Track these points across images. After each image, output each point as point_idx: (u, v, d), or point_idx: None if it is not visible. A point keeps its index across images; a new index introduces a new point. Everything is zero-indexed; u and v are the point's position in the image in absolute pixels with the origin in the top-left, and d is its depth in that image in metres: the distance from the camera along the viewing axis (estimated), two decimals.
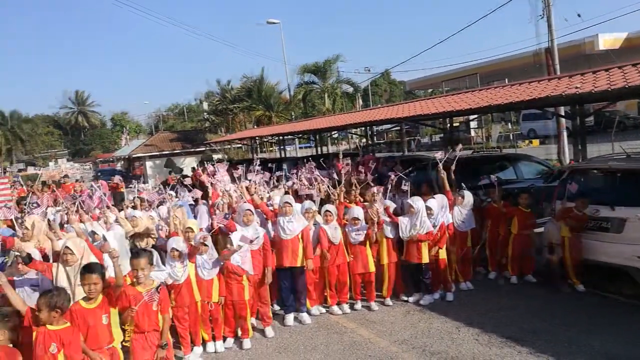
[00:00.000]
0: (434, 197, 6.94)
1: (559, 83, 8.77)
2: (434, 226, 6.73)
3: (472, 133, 30.59)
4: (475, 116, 19.58)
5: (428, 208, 6.75)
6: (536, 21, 16.91)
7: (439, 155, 7.35)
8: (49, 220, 6.39)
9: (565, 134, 17.52)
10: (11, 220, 6.00)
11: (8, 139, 63.52)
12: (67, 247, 4.66)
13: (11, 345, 3.92)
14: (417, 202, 6.69)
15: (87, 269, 4.23)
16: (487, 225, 7.70)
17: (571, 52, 22.78)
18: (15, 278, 4.81)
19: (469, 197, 7.25)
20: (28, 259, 4.73)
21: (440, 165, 7.18)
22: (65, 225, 6.64)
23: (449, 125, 13.94)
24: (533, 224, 7.49)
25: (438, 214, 6.80)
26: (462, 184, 7.45)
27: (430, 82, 34.31)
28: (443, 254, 6.85)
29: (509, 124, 31.30)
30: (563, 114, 14.54)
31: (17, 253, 4.95)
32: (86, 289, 4.19)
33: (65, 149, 77.65)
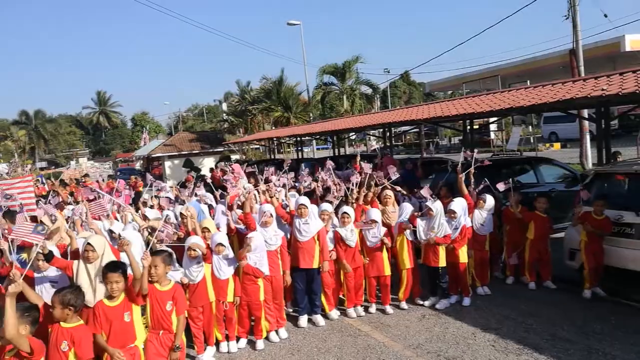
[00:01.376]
0: (453, 200, 6.84)
1: (585, 85, 8.58)
2: (456, 229, 6.63)
3: (492, 135, 30.19)
4: (495, 118, 19.31)
5: (452, 211, 6.66)
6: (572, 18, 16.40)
7: (467, 155, 7.22)
8: (68, 218, 6.48)
9: (588, 137, 17.16)
10: (31, 217, 6.07)
11: (32, 138, 64.93)
12: (88, 244, 4.69)
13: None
14: (435, 204, 6.60)
15: (109, 268, 4.26)
16: (506, 229, 7.57)
17: (597, 53, 22.30)
18: (35, 275, 4.87)
19: (490, 200, 7.14)
20: (50, 256, 4.77)
21: (460, 168, 7.09)
22: (84, 223, 6.70)
23: (468, 127, 13.76)
24: (550, 230, 7.33)
25: (461, 216, 6.71)
26: (489, 186, 7.29)
27: (450, 83, 33.95)
28: (463, 258, 6.75)
29: (530, 126, 30.81)
30: (586, 116, 14.24)
31: (39, 250, 5.01)
32: (108, 288, 4.23)
33: (87, 149, 78.96)
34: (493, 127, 28.09)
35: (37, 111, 70.49)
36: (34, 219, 5.76)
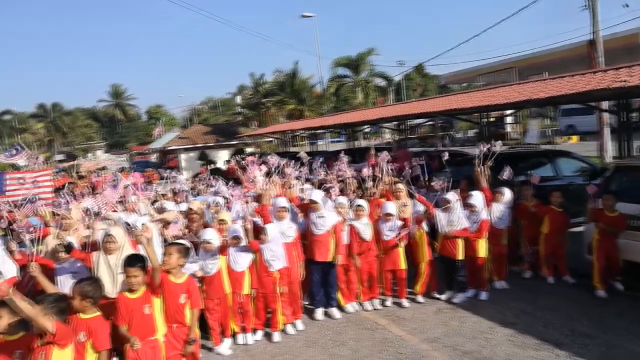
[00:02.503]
0: (471, 194, 6.77)
1: (604, 76, 8.42)
2: (475, 223, 6.57)
3: (508, 128, 29.85)
4: (512, 111, 19.11)
5: (471, 205, 6.60)
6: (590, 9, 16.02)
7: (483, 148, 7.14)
8: (86, 209, 6.55)
9: (607, 130, 16.86)
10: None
11: (50, 131, 65.77)
12: (109, 235, 4.73)
13: None
14: (452, 197, 6.55)
15: (128, 262, 4.29)
16: (522, 224, 7.49)
17: (614, 45, 21.86)
18: (55, 266, 4.94)
19: (507, 194, 7.06)
20: (69, 248, 4.84)
21: (478, 161, 7.00)
22: (102, 214, 6.76)
23: (484, 120, 13.63)
24: (566, 224, 7.23)
25: (481, 211, 6.65)
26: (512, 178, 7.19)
27: (465, 76, 33.54)
28: (481, 252, 6.69)
29: (547, 119, 30.40)
30: (606, 108, 13.99)
31: (58, 242, 5.08)
32: (127, 282, 4.26)
33: (103, 141, 79.75)
34: (509, 119, 27.77)
35: (54, 104, 71.27)
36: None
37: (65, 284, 4.74)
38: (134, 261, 4.29)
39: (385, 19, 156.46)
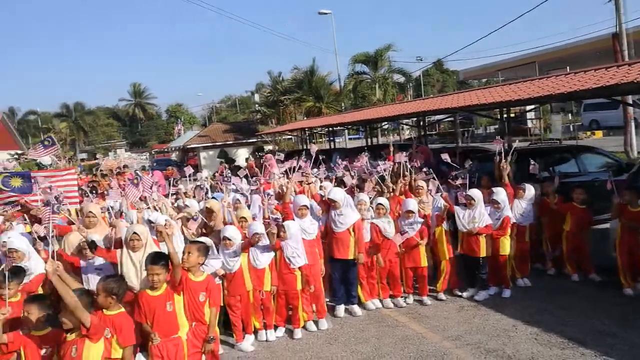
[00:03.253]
0: (494, 190, 6.69)
1: (630, 70, 8.21)
2: (498, 220, 6.51)
3: (530, 124, 29.40)
4: (533, 106, 18.76)
5: (495, 201, 6.54)
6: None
7: (498, 142, 7.06)
8: (109, 207, 6.65)
9: (633, 124, 16.50)
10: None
11: (72, 130, 66.99)
12: (135, 233, 4.79)
13: None
14: (476, 194, 6.49)
15: (150, 260, 4.32)
16: (545, 220, 7.38)
17: (637, 38, 21.35)
18: (82, 263, 5.04)
19: (530, 190, 6.97)
20: (93, 246, 4.92)
21: (499, 157, 6.92)
22: (124, 213, 6.86)
23: (505, 115, 13.42)
24: (589, 221, 7.10)
25: (505, 207, 6.58)
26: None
27: (484, 71, 33.14)
28: (504, 249, 6.62)
29: (569, 114, 29.84)
30: (631, 102, 13.67)
31: (82, 239, 5.18)
32: (150, 279, 4.30)
33: (124, 140, 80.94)
34: (530, 115, 27.35)
35: (76, 104, 72.61)
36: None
37: (92, 281, 4.83)
38: (157, 259, 4.32)
39: (404, 14, 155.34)
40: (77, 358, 3.67)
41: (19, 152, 32.73)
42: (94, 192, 8.84)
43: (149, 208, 6.48)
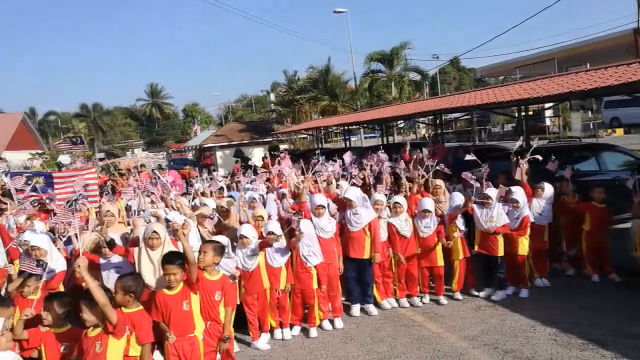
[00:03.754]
0: (513, 189, 6.61)
1: None
2: (517, 219, 6.42)
3: (548, 122, 28.98)
4: (552, 104, 18.48)
5: (514, 201, 6.46)
6: None
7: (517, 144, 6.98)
8: (126, 207, 6.73)
9: None
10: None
11: (91, 130, 67.98)
12: (154, 232, 4.84)
13: None
14: (492, 193, 6.42)
15: (166, 260, 4.34)
16: (564, 220, 7.27)
17: None
18: (101, 261, 5.10)
19: (549, 189, 6.87)
20: (111, 244, 4.98)
21: (515, 156, 6.84)
22: (142, 212, 6.93)
23: (523, 113, 13.24)
24: (608, 221, 6.97)
25: (524, 206, 6.49)
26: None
27: (502, 68, 32.72)
28: (522, 249, 6.54)
29: (589, 112, 29.34)
30: None
31: (95, 237, 5.24)
32: (166, 279, 4.32)
33: (141, 139, 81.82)
34: (548, 113, 26.96)
35: (95, 104, 73.66)
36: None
37: (110, 279, 4.88)
38: (173, 259, 4.34)
39: (420, 12, 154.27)
40: (101, 354, 3.72)
41: (39, 151, 33.31)
42: (111, 191, 8.95)
43: (168, 207, 6.53)
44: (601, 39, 24.08)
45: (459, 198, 6.72)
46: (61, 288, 4.95)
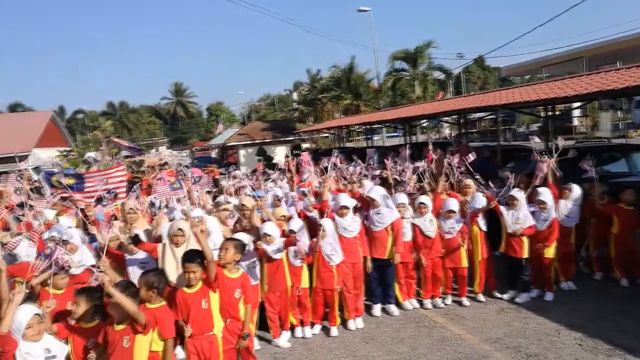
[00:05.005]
0: (540, 191, 6.47)
1: None
2: (545, 221, 6.32)
3: (575, 122, 28.35)
4: (580, 104, 18.10)
5: (542, 202, 6.35)
6: None
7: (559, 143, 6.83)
8: (150, 203, 6.83)
9: None
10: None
11: (117, 128, 69.25)
12: (179, 229, 4.91)
13: None
14: (518, 194, 6.31)
15: (187, 258, 4.37)
16: (592, 222, 7.10)
17: None
18: (126, 257, 5.19)
19: (576, 190, 6.71)
20: (136, 240, 5.06)
21: (540, 156, 6.70)
22: (167, 209, 7.02)
23: (550, 113, 13.00)
24: (638, 224, 6.78)
25: (551, 208, 6.37)
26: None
27: (528, 67, 32.08)
28: (549, 252, 6.41)
29: (619, 111, 28.56)
30: None
31: (127, 235, 5.33)
32: (186, 277, 4.36)
33: (165, 137, 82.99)
34: (576, 112, 26.38)
35: (121, 102, 75.11)
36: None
37: (135, 275, 4.96)
38: (193, 257, 4.36)
39: (445, 11, 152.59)
40: (129, 349, 3.78)
41: (68, 149, 34.08)
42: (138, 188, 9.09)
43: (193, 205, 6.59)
44: (634, 37, 23.38)
45: (481, 198, 6.63)
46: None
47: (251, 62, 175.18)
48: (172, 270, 4.65)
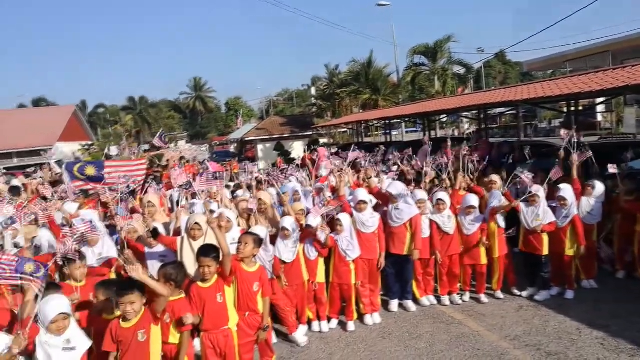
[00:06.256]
0: (561, 187, 6.37)
1: None
2: (566, 218, 6.21)
3: (599, 117, 27.75)
4: (604, 99, 17.66)
5: (562, 198, 6.24)
6: None
7: (563, 134, 6.72)
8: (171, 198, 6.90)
9: None
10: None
11: (137, 123, 70.09)
12: (196, 223, 4.95)
13: None
14: (538, 190, 6.21)
15: (202, 252, 4.37)
16: (616, 219, 6.96)
17: None
18: (146, 250, 5.27)
19: (599, 187, 6.58)
20: (155, 233, 5.12)
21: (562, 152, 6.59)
22: (185, 203, 7.08)
23: (572, 108, 12.74)
24: None
25: (572, 204, 6.26)
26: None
27: (550, 62, 31.43)
28: (570, 250, 6.31)
29: None
30: None
31: (146, 228, 5.41)
32: (200, 271, 4.36)
33: (185, 132, 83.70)
34: (600, 108, 25.81)
35: (141, 97, 75.88)
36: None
37: (154, 268, 5.03)
38: (208, 251, 4.36)
39: (466, 4, 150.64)
40: (145, 342, 3.76)
41: (89, 143, 34.60)
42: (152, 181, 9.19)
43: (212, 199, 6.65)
44: None
45: (498, 195, 6.54)
46: (112, 275, 5.11)
47: (270, 56, 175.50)
48: (190, 263, 4.69)
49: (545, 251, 6.25)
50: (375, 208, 6.35)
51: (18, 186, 8.81)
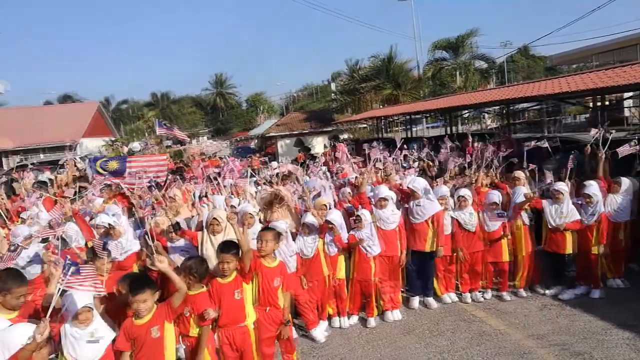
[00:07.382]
0: (587, 184, 6.24)
1: None
2: (592, 215, 6.08)
3: (627, 112, 27.02)
4: (632, 93, 17.20)
5: (588, 195, 6.11)
6: None
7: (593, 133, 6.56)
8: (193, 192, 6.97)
9: None
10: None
11: (160, 118, 71.09)
12: (214, 218, 4.98)
13: None
14: (563, 187, 6.09)
15: (222, 248, 4.38)
16: None
17: None
18: (168, 244, 5.34)
19: (626, 184, 6.41)
20: (177, 228, 5.18)
21: (590, 149, 6.45)
22: (207, 197, 7.16)
23: (599, 103, 12.47)
24: None
25: (598, 202, 6.12)
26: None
27: (577, 56, 30.75)
28: (596, 249, 6.17)
29: None
30: None
31: (170, 223, 5.48)
32: (220, 267, 4.37)
33: (206, 128, 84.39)
34: (628, 103, 25.13)
35: (164, 93, 76.83)
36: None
37: (176, 262, 5.09)
38: (229, 247, 4.37)
39: None
40: (160, 338, 3.80)
41: (113, 138, 35.14)
42: (179, 177, 9.32)
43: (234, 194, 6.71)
44: None
45: (522, 192, 6.43)
46: (134, 268, 5.19)
47: (292, 52, 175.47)
48: (211, 257, 4.74)
49: (569, 249, 6.13)
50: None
51: (45, 181, 9.03)
